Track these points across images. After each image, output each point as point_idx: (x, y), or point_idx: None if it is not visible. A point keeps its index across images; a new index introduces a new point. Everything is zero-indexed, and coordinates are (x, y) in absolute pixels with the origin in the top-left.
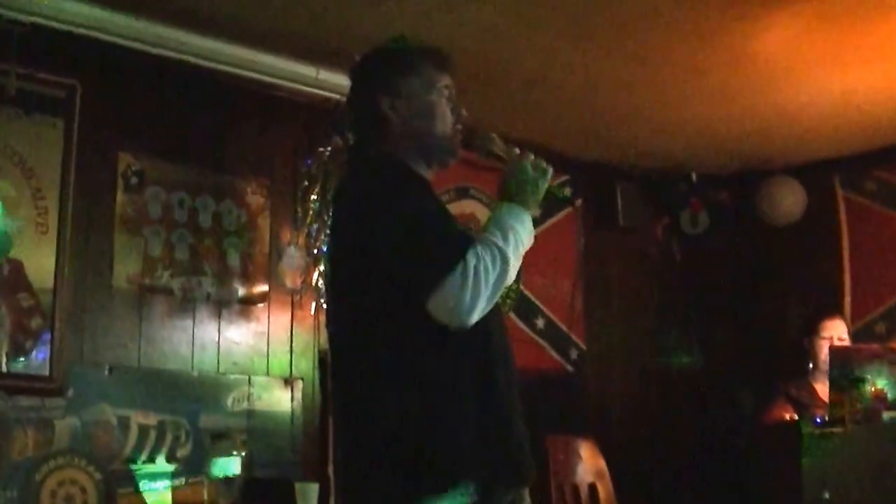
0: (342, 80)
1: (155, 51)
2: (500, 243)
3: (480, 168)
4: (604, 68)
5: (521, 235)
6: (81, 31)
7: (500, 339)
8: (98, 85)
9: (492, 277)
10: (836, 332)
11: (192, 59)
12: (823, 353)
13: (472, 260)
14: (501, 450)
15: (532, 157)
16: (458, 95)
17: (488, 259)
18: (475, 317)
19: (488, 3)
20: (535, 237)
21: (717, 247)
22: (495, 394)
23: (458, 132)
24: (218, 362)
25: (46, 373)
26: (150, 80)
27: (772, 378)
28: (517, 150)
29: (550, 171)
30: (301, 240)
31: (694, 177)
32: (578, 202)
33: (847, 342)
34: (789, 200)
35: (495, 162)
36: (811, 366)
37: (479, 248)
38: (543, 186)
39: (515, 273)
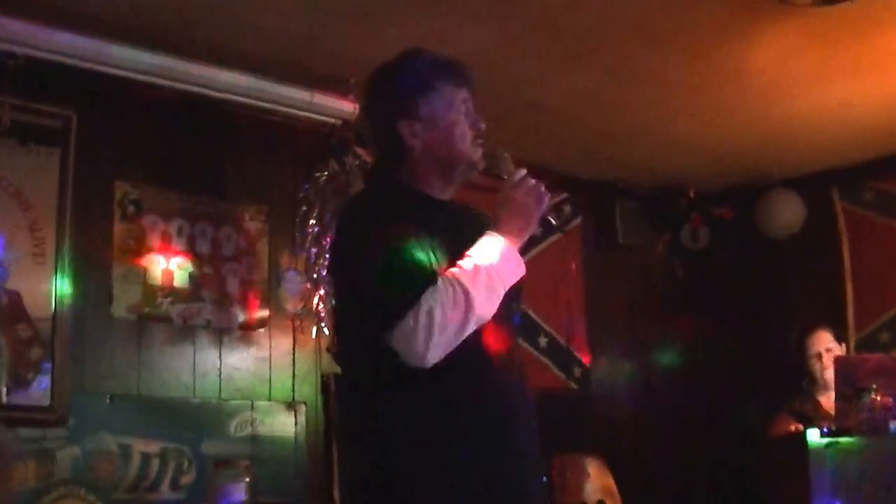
0: (338, 105)
1: (149, 79)
2: (467, 282)
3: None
4: (600, 88)
5: (500, 271)
6: (75, 61)
7: (501, 371)
8: (93, 114)
9: (449, 318)
10: (822, 345)
11: (187, 87)
12: (817, 369)
13: (426, 302)
14: (497, 490)
15: (531, 182)
16: (476, 107)
17: (448, 300)
18: (431, 356)
19: (484, 28)
20: (536, 255)
21: (718, 261)
22: (489, 432)
23: (479, 146)
24: (220, 388)
25: (47, 403)
26: (145, 108)
27: (777, 392)
28: (520, 174)
29: (547, 198)
30: (300, 264)
31: (692, 192)
32: (572, 226)
33: (837, 351)
34: (788, 213)
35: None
36: (811, 382)
37: (439, 289)
38: (537, 214)
39: (490, 309)
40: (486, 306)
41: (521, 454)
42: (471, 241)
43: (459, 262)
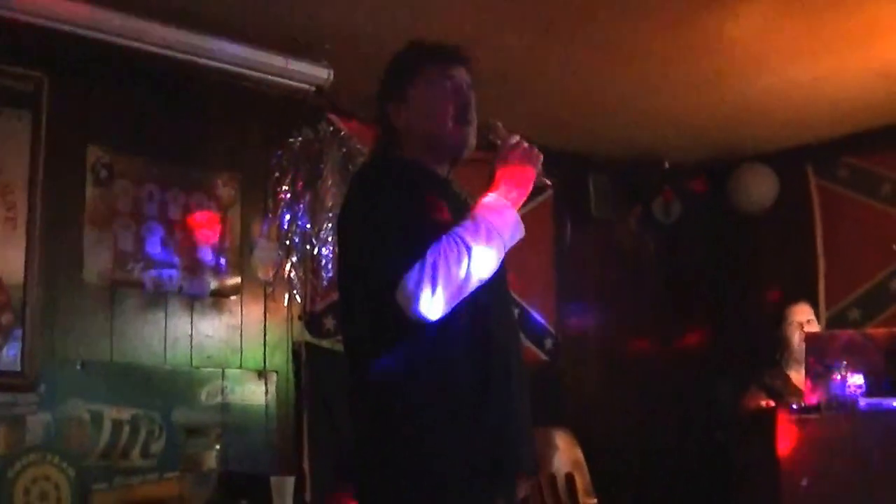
0: (312, 70)
1: (123, 42)
2: (469, 238)
3: None
4: (574, 59)
5: (500, 228)
6: (48, 23)
7: (502, 332)
8: (65, 77)
9: (453, 273)
10: (803, 316)
11: (160, 51)
12: (795, 340)
13: (430, 256)
14: (493, 450)
15: (524, 145)
16: (469, 86)
17: (452, 255)
18: (435, 309)
19: None
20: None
21: (690, 235)
22: (491, 391)
23: (466, 124)
24: (191, 356)
25: (18, 369)
26: (118, 72)
27: (748, 366)
28: (514, 139)
29: (540, 158)
30: (272, 232)
31: (666, 165)
32: (550, 187)
33: (815, 325)
34: (762, 188)
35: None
36: (784, 354)
37: (442, 245)
38: (532, 176)
39: (491, 266)
40: (486, 263)
41: (519, 415)
42: (469, 211)
43: (466, 219)
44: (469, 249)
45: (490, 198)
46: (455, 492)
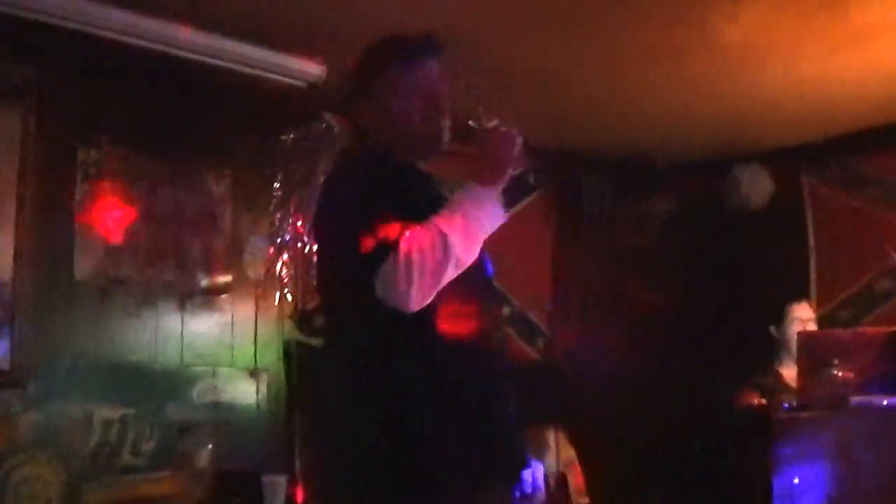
0: (305, 67)
1: (115, 37)
2: (445, 227)
3: None
4: (568, 59)
5: (478, 216)
6: (40, 16)
7: (488, 334)
8: (57, 72)
9: (429, 261)
10: (803, 314)
11: (152, 46)
12: (794, 338)
13: (405, 245)
14: (472, 454)
15: (503, 128)
16: (440, 77)
17: (426, 244)
18: (413, 300)
19: None
20: (501, 225)
21: (683, 234)
22: (478, 394)
23: (435, 118)
24: (182, 354)
25: (7, 367)
26: (110, 67)
27: (740, 365)
28: (492, 124)
29: (519, 141)
30: (264, 229)
31: (659, 164)
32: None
33: (814, 325)
34: (756, 188)
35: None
36: (780, 351)
37: (416, 234)
38: (510, 159)
39: (469, 253)
40: (464, 250)
41: (506, 415)
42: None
43: (443, 208)
44: (444, 236)
45: (468, 184)
46: (446, 496)
